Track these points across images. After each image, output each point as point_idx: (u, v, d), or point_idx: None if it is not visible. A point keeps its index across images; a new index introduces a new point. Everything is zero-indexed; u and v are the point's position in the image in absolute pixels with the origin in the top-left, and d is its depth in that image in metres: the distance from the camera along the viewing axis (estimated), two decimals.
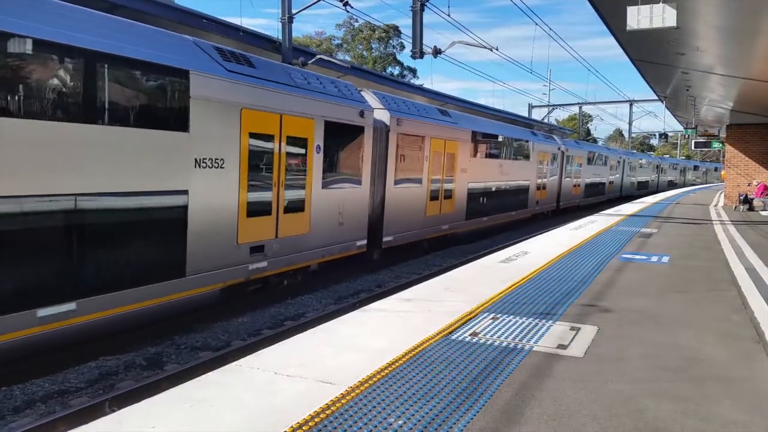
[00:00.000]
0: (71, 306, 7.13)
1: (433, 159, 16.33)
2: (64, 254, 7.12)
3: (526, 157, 24.15)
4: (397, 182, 14.72)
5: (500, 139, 21.09)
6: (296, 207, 11.09)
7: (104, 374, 7.62)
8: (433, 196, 16.56)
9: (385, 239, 14.41)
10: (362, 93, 13.89)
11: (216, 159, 9.07)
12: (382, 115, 14.14)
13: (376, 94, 14.61)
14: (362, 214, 13.37)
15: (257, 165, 9.99)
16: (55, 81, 6.99)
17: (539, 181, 25.75)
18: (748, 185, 25.89)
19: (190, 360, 8.20)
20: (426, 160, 15.97)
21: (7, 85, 6.49)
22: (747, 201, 24.26)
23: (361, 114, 12.96)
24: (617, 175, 41.75)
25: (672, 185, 62.02)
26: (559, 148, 28.05)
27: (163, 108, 8.41)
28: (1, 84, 6.42)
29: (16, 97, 6.59)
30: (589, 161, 33.93)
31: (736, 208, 24.60)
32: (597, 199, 35.60)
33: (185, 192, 8.59)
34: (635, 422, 3.87)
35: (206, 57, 9.19)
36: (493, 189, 20.77)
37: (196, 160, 8.71)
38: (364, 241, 13.58)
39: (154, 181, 8.09)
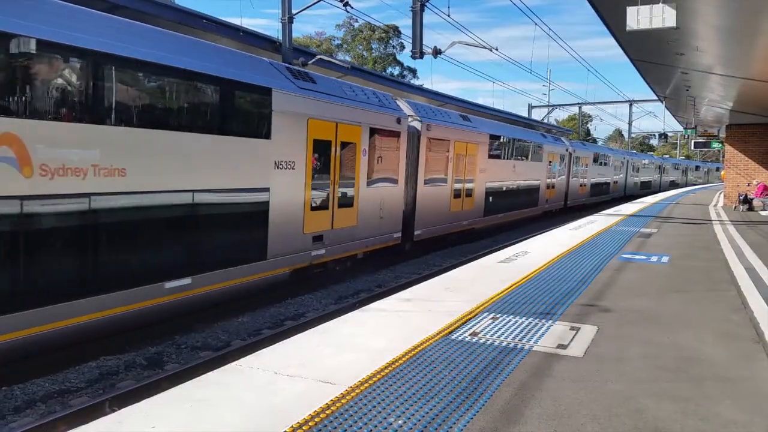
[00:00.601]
0: (187, 281, 8.82)
1: (456, 160, 17.97)
2: (186, 237, 8.92)
3: (538, 158, 25.68)
4: (426, 182, 16.34)
5: (514, 141, 22.84)
6: (347, 203, 12.80)
7: (105, 374, 7.62)
8: (456, 195, 18.19)
9: (416, 233, 16.07)
10: (397, 102, 15.39)
11: (289, 161, 10.85)
12: (414, 121, 15.71)
13: (408, 103, 16.24)
14: (398, 209, 15.09)
15: (318, 166, 11.72)
16: (197, 101, 9.19)
17: (549, 180, 27.18)
18: (748, 185, 25.89)
19: (191, 360, 8.21)
20: (450, 161, 17.58)
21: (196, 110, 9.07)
22: (747, 201, 24.26)
23: (398, 121, 14.64)
24: (621, 176, 43.15)
25: (674, 185, 63.12)
26: (567, 150, 29.22)
27: (253, 120, 10.23)
28: (197, 112, 9.04)
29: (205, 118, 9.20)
30: (595, 162, 35.11)
31: (735, 208, 24.61)
32: (602, 198, 36.57)
33: (267, 189, 10.39)
34: (635, 422, 3.87)
35: (282, 76, 10.92)
36: (508, 188, 22.34)
37: (275, 162, 10.49)
38: (399, 234, 15.25)
39: (248, 179, 9.97)
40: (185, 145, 8.63)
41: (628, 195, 41.51)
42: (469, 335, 5.74)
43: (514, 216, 23.03)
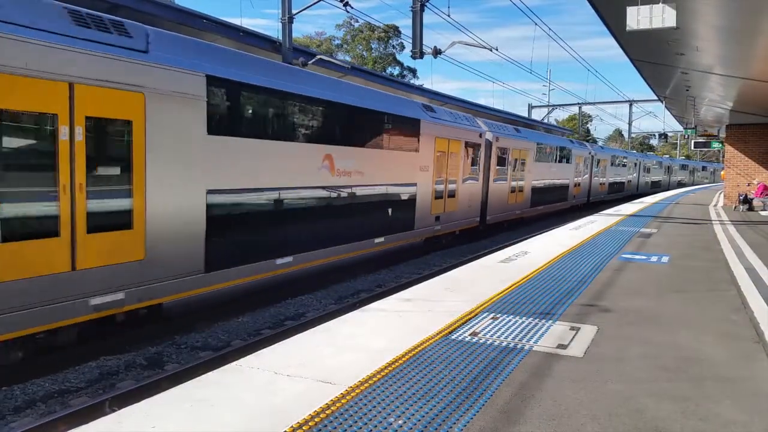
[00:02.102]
0: (382, 239, 14.43)
1: (513, 164, 23.10)
2: (384, 213, 14.48)
3: (568, 161, 30.99)
4: (494, 180, 21.28)
5: (552, 147, 28.24)
6: (452, 194, 18.03)
7: (105, 374, 7.63)
8: (512, 190, 23.32)
9: (488, 218, 21.14)
10: (477, 120, 20.49)
11: (425, 166, 16.10)
12: (488, 134, 20.68)
13: (484, 122, 21.25)
14: (478, 200, 20.15)
15: (438, 169, 16.84)
16: (388, 129, 14.53)
17: (575, 179, 32.41)
18: (748, 185, 25.89)
19: (191, 360, 8.21)
20: (509, 165, 22.59)
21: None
22: (747, 201, 24.25)
23: (480, 135, 19.81)
24: (634, 175, 47.93)
25: (681, 184, 66.56)
26: (589, 153, 33.92)
27: (412, 140, 15.49)
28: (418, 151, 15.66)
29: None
30: (612, 163, 39.40)
31: (735, 208, 24.60)
32: (618, 195, 40.55)
33: (415, 184, 15.71)
34: (635, 422, 3.87)
35: (422, 110, 16.36)
36: (547, 185, 27.37)
37: (419, 167, 15.82)
38: (478, 218, 20.39)
39: (404, 178, 15.17)
40: (384, 157, 14.20)
41: (640, 193, 44.88)
42: (469, 335, 5.74)
43: (550, 208, 28.20)
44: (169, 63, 8.45)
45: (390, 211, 14.66)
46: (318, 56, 17.04)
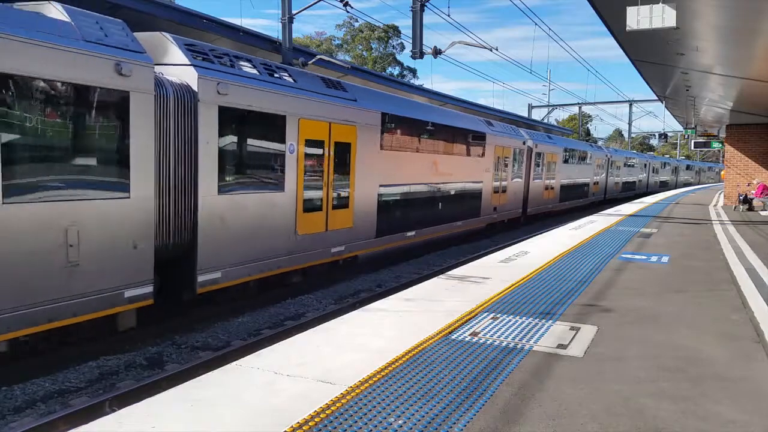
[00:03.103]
0: (460, 223, 18.86)
1: (546, 166, 27.36)
2: (462, 204, 18.81)
3: (588, 162, 35.16)
4: (533, 180, 25.69)
5: (576, 151, 32.56)
6: (504, 190, 22.32)
7: (105, 374, 7.62)
8: (546, 188, 27.74)
9: (528, 210, 25.57)
10: (520, 131, 24.97)
11: (488, 168, 20.56)
12: (529, 141, 25.03)
13: (526, 132, 25.84)
14: (521, 195, 24.56)
15: (496, 171, 21.20)
16: (467, 142, 18.93)
17: (594, 179, 36.68)
18: (748, 185, 25.89)
19: (191, 360, 8.21)
20: (544, 166, 26.98)
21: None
22: (747, 201, 24.26)
23: (523, 143, 24.33)
24: (644, 175, 53.04)
25: (687, 184, 70.76)
26: (606, 155, 37.68)
27: (480, 149, 19.78)
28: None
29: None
30: (625, 165, 43.60)
31: (735, 208, 24.61)
32: (630, 192, 44.76)
33: (481, 182, 20.02)
34: (635, 422, 3.87)
35: (486, 124, 20.82)
36: (571, 184, 31.62)
37: (485, 169, 20.22)
38: (521, 210, 24.82)
39: (476, 177, 19.55)
40: (465, 162, 18.77)
41: (650, 191, 47.97)
42: (470, 335, 5.74)
43: (574, 204, 32.31)
44: (366, 107, 13.56)
45: (466, 202, 19.32)
46: (318, 56, 17.03)
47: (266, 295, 11.10)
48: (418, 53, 16.11)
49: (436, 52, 17.38)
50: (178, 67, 9.04)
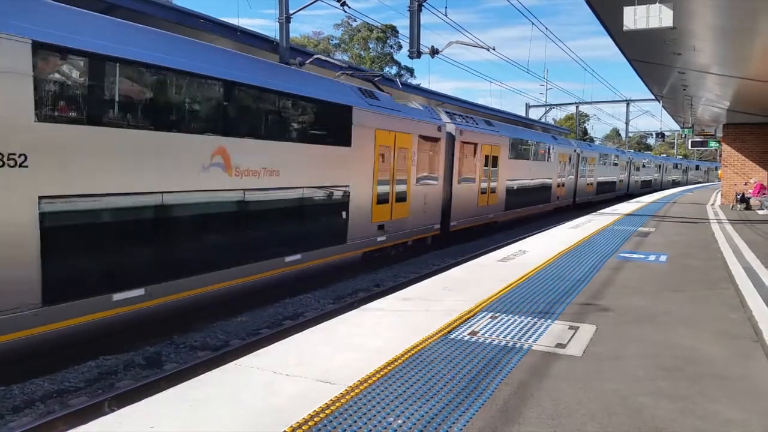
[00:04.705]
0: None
1: (591, 167, 35.56)
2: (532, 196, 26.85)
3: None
4: (581, 177, 33.61)
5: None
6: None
7: (104, 373, 7.62)
8: (559, 184, 30.75)
9: (577, 199, 33.91)
10: (552, 137, 30.99)
11: (556, 170, 29.35)
12: (577, 149, 32.55)
13: (554, 137, 31.21)
14: (572, 188, 32.63)
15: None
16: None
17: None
18: (745, 184, 25.94)
19: (190, 359, 8.21)
20: (573, 166, 32.65)
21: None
22: (744, 200, 24.30)
23: (575, 150, 30.74)
24: (658, 174, 59.55)
25: (696, 182, 74.65)
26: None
27: (551, 156, 28.70)
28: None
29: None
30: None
31: (733, 207, 24.65)
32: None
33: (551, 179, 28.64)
34: (634, 421, 3.88)
35: (551, 138, 29.89)
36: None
37: (553, 170, 28.96)
38: (571, 201, 32.74)
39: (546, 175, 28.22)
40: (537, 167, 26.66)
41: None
42: (468, 334, 5.75)
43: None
44: (503, 134, 22.21)
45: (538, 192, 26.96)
46: (315, 56, 17.03)
47: (265, 295, 11.10)
48: (416, 53, 16.13)
49: (434, 52, 17.40)
50: (447, 123, 18.27)
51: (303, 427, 3.69)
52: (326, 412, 3.92)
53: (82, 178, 7.33)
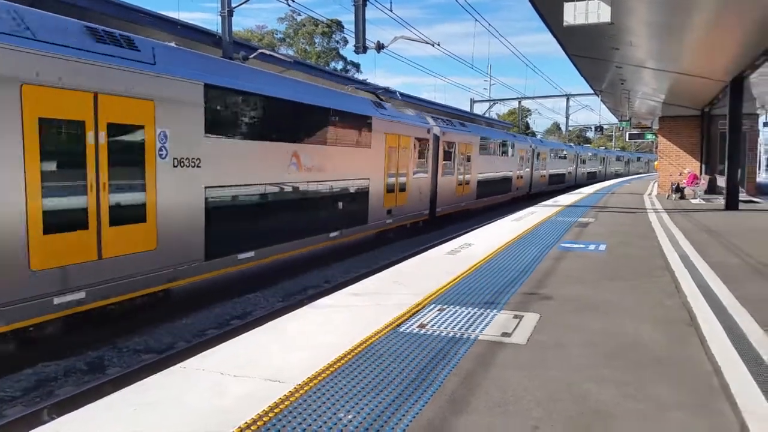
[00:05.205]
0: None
1: (544, 160, 39.41)
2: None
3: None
4: (536, 170, 37.96)
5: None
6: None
7: (43, 380, 7.34)
8: (518, 177, 34.03)
9: (531, 191, 37.03)
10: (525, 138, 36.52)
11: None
12: (531, 145, 35.00)
13: (514, 135, 36.19)
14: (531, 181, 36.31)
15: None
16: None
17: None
18: (680, 174, 26.99)
19: (134, 363, 7.99)
20: (542, 161, 36.83)
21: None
22: (679, 190, 25.29)
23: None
24: (602, 166, 64.01)
25: (637, 173, 78.78)
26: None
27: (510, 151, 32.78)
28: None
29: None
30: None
31: (668, 196, 25.62)
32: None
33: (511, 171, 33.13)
34: (578, 407, 3.99)
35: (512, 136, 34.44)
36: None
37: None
38: (527, 191, 36.35)
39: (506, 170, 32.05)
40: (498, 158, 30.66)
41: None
42: (417, 327, 5.79)
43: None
44: (474, 132, 27.14)
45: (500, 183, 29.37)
46: (259, 50, 16.79)
47: (211, 296, 10.91)
48: (361, 48, 16.11)
49: (379, 47, 17.43)
50: (433, 126, 21.40)
51: (251, 428, 3.64)
52: (275, 411, 3.88)
53: (226, 174, 10.57)
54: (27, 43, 7.16)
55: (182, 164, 9.50)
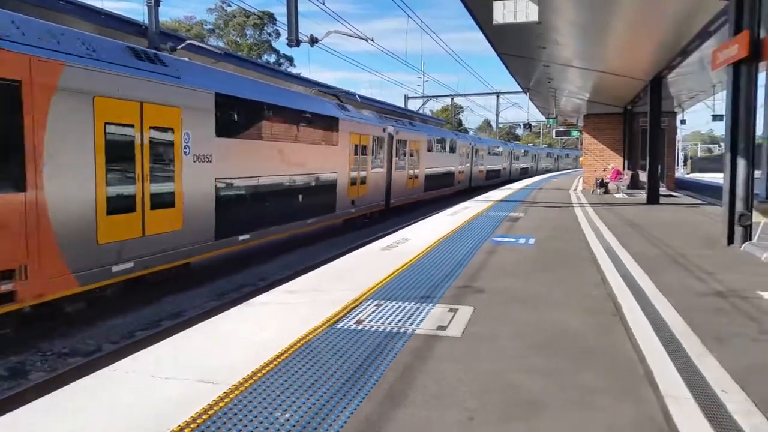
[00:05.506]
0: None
1: (482, 157, 41.29)
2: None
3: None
4: (475, 166, 40.27)
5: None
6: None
7: None
8: (460, 171, 36.24)
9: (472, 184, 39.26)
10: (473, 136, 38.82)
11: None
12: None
13: (456, 133, 39.62)
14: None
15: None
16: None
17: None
18: (604, 170, 28.08)
19: (59, 367, 7.64)
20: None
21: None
22: (603, 185, 26.29)
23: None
24: (534, 163, 67.54)
25: (565, 169, 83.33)
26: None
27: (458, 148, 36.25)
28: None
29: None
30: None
31: (593, 191, 26.59)
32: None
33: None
34: (510, 396, 4.10)
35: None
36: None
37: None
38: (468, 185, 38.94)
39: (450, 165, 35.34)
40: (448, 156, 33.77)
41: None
42: (355, 323, 5.80)
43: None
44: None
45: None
46: (188, 41, 16.33)
47: (136, 296, 10.55)
48: (294, 41, 15.94)
49: (313, 41, 17.30)
50: (389, 126, 23.41)
51: (185, 431, 3.55)
52: (209, 413, 3.79)
53: (229, 168, 12.44)
54: (96, 63, 8.98)
55: (200, 160, 11.44)
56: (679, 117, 35.01)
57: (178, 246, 10.77)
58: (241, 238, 12.93)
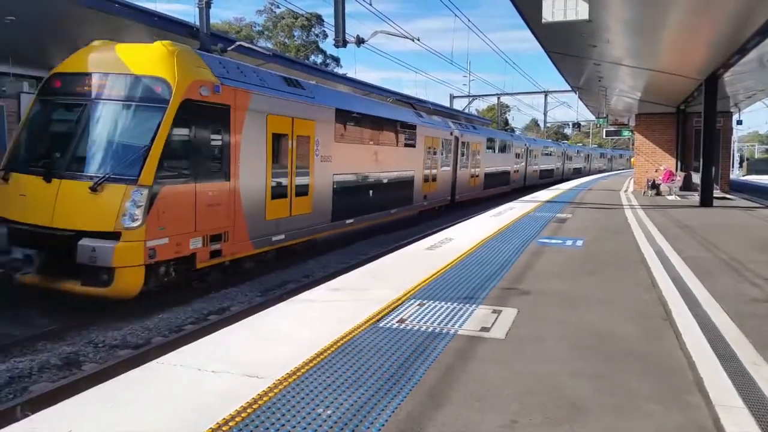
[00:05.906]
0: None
1: (537, 157, 42.78)
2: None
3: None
4: (530, 166, 41.13)
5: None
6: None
7: (16, 377, 7.21)
8: (515, 171, 38.18)
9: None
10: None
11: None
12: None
13: (511, 134, 43.63)
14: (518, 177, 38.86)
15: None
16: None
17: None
18: (656, 171, 27.35)
19: (109, 359, 7.89)
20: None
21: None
22: (654, 186, 25.62)
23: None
24: (586, 163, 67.72)
25: (618, 169, 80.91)
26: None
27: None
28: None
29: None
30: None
31: (644, 192, 25.94)
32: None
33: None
34: (554, 400, 4.04)
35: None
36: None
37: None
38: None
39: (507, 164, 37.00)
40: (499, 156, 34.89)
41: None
42: (397, 322, 5.81)
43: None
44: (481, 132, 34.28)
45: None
46: (237, 43, 16.63)
47: (189, 292, 10.81)
48: (341, 42, 16.03)
49: (359, 41, 17.37)
50: (455, 130, 26.03)
51: (230, 423, 3.62)
52: (253, 407, 3.86)
53: (343, 167, 15.59)
54: (267, 90, 12.12)
55: (324, 160, 14.46)
56: (735, 117, 33.76)
57: (310, 225, 13.90)
58: (347, 221, 16.09)
